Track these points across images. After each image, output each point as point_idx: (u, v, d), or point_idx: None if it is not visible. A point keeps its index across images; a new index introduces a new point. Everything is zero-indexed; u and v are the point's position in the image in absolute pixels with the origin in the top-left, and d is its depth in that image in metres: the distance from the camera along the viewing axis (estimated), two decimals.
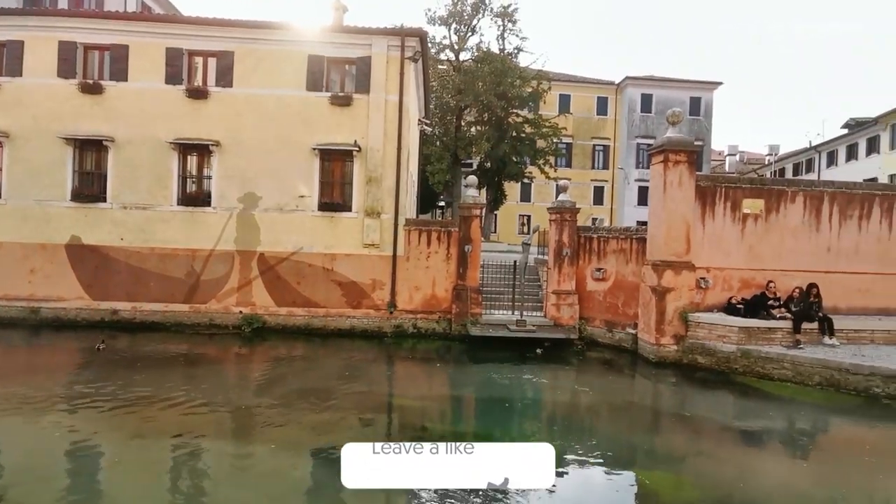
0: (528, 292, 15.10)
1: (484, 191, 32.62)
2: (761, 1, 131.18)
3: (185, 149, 14.51)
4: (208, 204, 14.47)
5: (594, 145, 40.12)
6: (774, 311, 11.76)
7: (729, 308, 12.21)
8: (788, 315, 11.54)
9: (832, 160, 34.50)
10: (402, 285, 14.52)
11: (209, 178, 14.58)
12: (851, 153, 32.58)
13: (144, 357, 11.68)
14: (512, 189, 36.27)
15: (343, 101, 14.40)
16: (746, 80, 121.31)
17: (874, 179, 26.29)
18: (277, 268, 14.42)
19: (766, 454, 8.10)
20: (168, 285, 14.26)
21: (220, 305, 14.33)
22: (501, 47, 29.82)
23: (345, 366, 11.95)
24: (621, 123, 39.38)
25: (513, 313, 14.29)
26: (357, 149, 14.33)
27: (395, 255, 14.46)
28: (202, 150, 14.53)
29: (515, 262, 14.74)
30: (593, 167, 40.13)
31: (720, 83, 38.82)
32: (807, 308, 11.49)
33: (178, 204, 14.46)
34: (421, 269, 14.57)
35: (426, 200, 30.87)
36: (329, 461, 6.91)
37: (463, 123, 30.36)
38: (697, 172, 12.87)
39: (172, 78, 14.31)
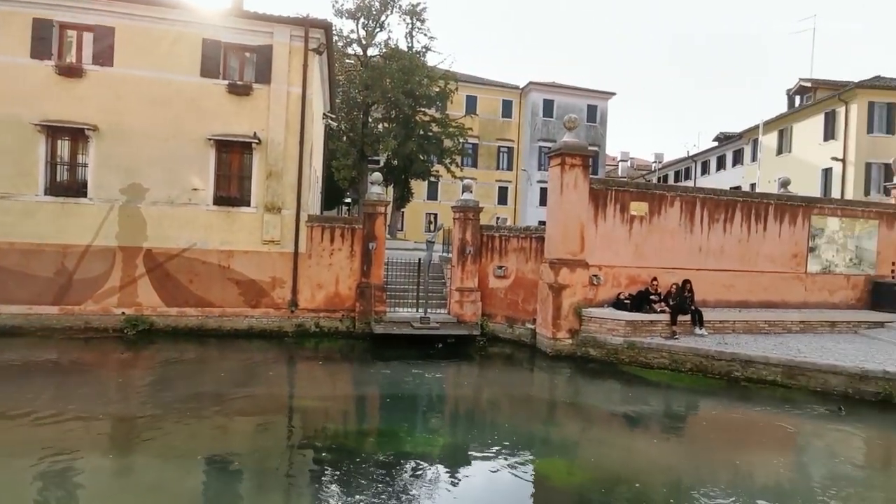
0: (433, 290, 15.28)
1: (391, 188, 32.49)
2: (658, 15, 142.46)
3: (54, 132, 13.00)
4: (84, 194, 13.09)
5: (499, 146, 41.40)
6: (655, 306, 12.88)
7: (617, 303, 13.18)
8: (667, 309, 12.68)
9: (705, 169, 38.36)
10: (304, 283, 14.08)
11: (85, 165, 13.19)
12: (721, 164, 36.45)
13: (2, 366, 10.34)
14: (419, 187, 36.50)
15: (242, 91, 13.66)
16: (638, 91, 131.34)
17: (738, 187, 29.60)
18: (167, 265, 13.38)
19: (646, 435, 8.83)
20: (33, 285, 12.71)
21: (98, 307, 13.03)
22: (410, 45, 29.82)
23: (241, 368, 11.38)
24: (525, 126, 40.99)
25: (417, 311, 14.39)
26: (257, 141, 13.67)
27: (296, 253, 13.98)
28: (76, 135, 13.10)
29: (420, 259, 14.85)
30: (498, 168, 41.41)
31: (614, 93, 41.72)
32: (681, 302, 12.69)
33: (46, 194, 12.93)
34: (324, 267, 14.22)
35: (331, 196, 30.16)
36: (223, 470, 6.55)
37: (370, 120, 30.01)
38: (592, 176, 13.72)
39: (40, 53, 12.77)
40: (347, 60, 29.88)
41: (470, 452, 7.45)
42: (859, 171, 23.28)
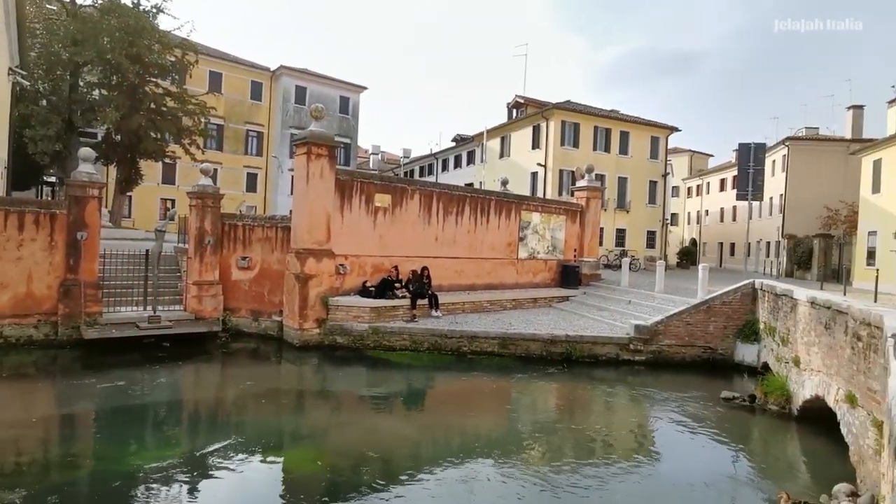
0: (166, 284, 13.62)
1: (113, 168, 27.61)
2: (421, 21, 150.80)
3: None
4: None
5: (248, 130, 38.79)
6: (398, 292, 13.85)
7: (363, 291, 13.76)
8: (408, 294, 13.76)
9: (445, 166, 42.63)
10: None
11: None
12: (458, 162, 40.97)
13: None
14: (152, 169, 31.76)
15: None
16: (391, 89, 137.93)
17: (472, 184, 33.74)
18: None
19: (391, 413, 9.53)
20: None
21: None
22: (136, 2, 25.57)
23: None
24: (276, 112, 39.25)
25: (145, 309, 12.64)
26: None
27: None
28: None
29: (148, 251, 13.04)
30: (247, 153, 38.79)
31: (366, 87, 42.96)
32: (420, 287, 13.93)
33: None
34: (9, 262, 11.36)
35: (25, 174, 24.18)
36: None
37: (82, 83, 24.86)
38: (342, 167, 13.96)
39: None
40: (48, 5, 24.14)
41: (212, 457, 6.90)
42: (555, 175, 28.91)
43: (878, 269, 18.97)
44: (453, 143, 42.61)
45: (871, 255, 21.83)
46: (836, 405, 7.12)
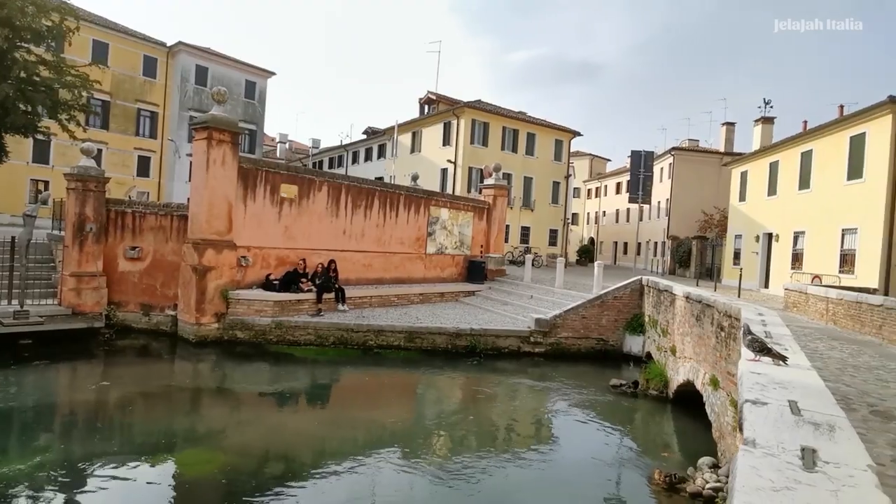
0: (36, 276, 12.27)
1: None
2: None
3: None
4: None
5: (139, 109, 35.64)
6: (303, 285, 13.51)
7: (266, 284, 13.26)
8: (314, 288, 13.46)
9: (356, 159, 42.00)
10: None
11: None
12: (368, 155, 40.53)
13: None
14: (20, 146, 28.20)
15: None
16: (300, 77, 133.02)
17: (382, 178, 33.54)
18: None
19: (295, 410, 9.31)
20: None
21: None
22: None
23: None
24: (173, 91, 36.44)
25: (10, 303, 11.30)
26: None
27: None
28: None
29: (14, 238, 11.64)
30: (138, 134, 35.65)
31: (274, 73, 41.10)
32: (327, 281, 13.69)
33: None
34: None
35: None
36: None
37: None
38: (247, 155, 13.35)
39: None
40: None
41: (91, 464, 6.34)
42: (465, 172, 29.54)
43: (741, 269, 21.44)
44: (364, 136, 42.10)
45: (737, 255, 24.58)
46: (703, 388, 8.01)
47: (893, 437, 4.66)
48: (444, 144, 31.00)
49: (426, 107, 34.95)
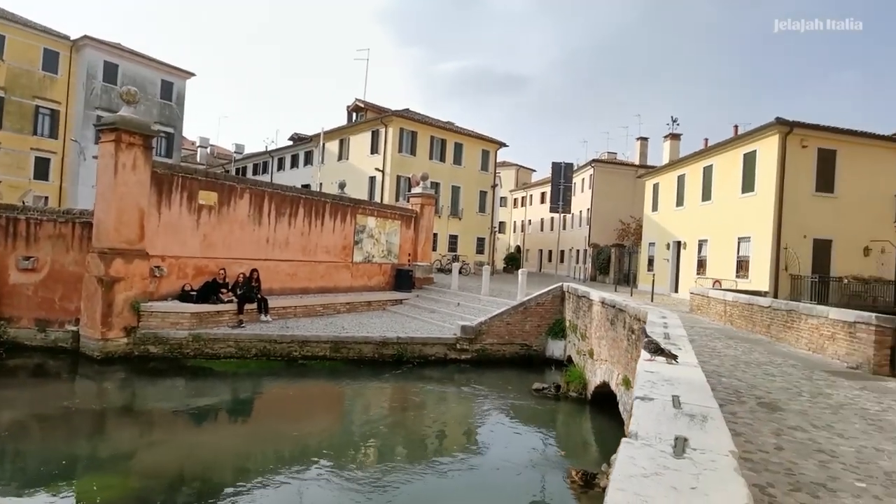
0: None
1: None
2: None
3: None
4: None
5: (38, 107, 32.72)
6: (223, 296, 12.97)
7: (183, 295, 12.61)
8: (234, 298, 12.95)
9: (282, 166, 40.83)
10: None
11: None
12: (295, 162, 39.54)
13: None
14: None
15: None
16: (223, 79, 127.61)
17: (309, 186, 32.84)
18: None
19: (213, 427, 8.88)
20: None
21: None
22: None
23: None
24: (77, 89, 33.78)
25: None
26: None
27: None
28: None
29: None
30: (36, 133, 32.69)
31: (193, 73, 39.19)
32: (249, 291, 13.21)
33: None
34: None
35: None
36: None
37: None
38: (164, 159, 12.67)
39: None
40: None
41: None
42: (393, 181, 29.52)
43: (654, 274, 22.90)
44: (291, 142, 41.04)
45: (651, 262, 26.22)
46: (617, 388, 8.49)
47: (777, 426, 5.20)
48: (372, 152, 30.86)
49: (354, 114, 34.68)
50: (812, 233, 17.44)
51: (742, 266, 18.87)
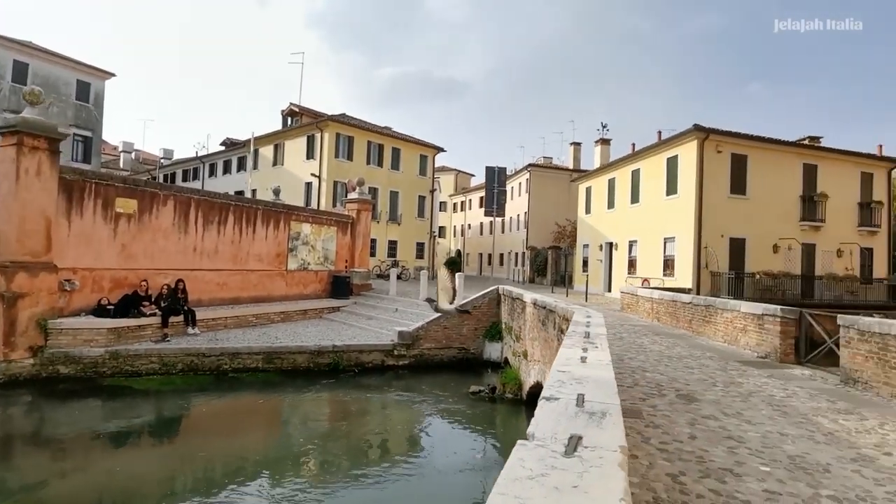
0: None
1: None
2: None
3: None
4: None
5: None
6: (145, 309, 12.24)
7: (99, 310, 11.80)
8: (158, 311, 12.25)
9: (213, 171, 39.18)
10: None
11: None
12: (227, 168, 38.03)
13: None
14: None
15: None
16: (149, 82, 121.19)
17: (242, 192, 31.67)
18: None
19: (135, 450, 8.30)
20: None
21: None
22: None
23: None
24: None
25: None
26: None
27: None
28: None
29: None
30: None
31: (114, 74, 36.87)
32: (174, 303, 12.54)
33: None
34: None
35: None
36: None
37: None
38: (79, 165, 11.83)
39: None
40: None
41: None
42: (330, 187, 28.98)
43: (587, 275, 23.68)
44: (223, 147, 39.47)
45: (585, 263, 27.12)
46: None
47: (692, 416, 5.46)
48: (308, 158, 30.19)
49: (289, 119, 33.80)
50: (728, 232, 18.62)
51: (668, 265, 19.85)
